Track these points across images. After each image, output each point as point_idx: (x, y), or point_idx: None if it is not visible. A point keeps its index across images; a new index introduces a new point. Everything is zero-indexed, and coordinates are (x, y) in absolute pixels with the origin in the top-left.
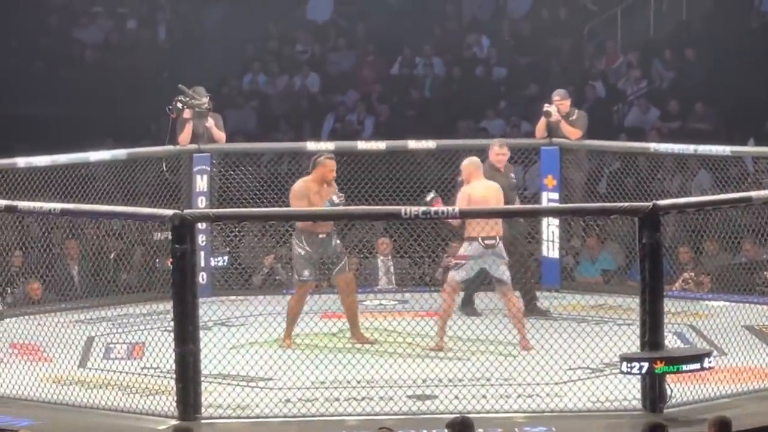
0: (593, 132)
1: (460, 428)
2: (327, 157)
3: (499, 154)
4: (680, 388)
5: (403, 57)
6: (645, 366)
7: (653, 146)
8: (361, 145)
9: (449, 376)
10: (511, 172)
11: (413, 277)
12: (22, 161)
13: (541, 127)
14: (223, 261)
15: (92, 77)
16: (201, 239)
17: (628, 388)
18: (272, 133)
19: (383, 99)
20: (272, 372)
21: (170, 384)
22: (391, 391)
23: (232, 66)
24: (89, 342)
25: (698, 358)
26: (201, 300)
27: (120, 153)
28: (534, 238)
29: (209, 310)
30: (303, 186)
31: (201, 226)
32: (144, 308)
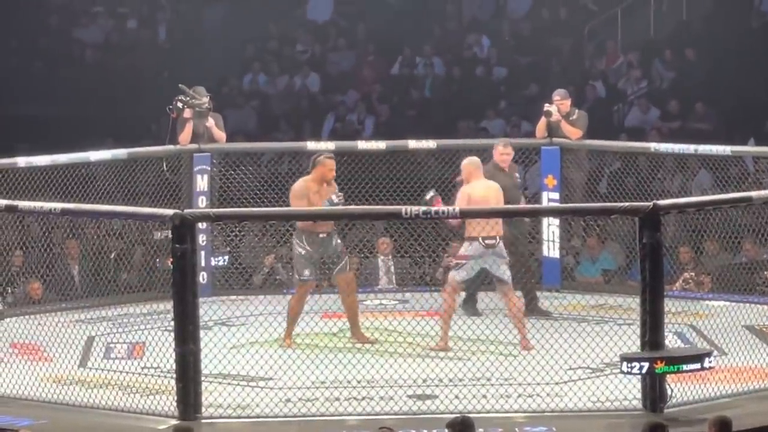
0: (593, 132)
1: (461, 428)
2: (326, 157)
3: (503, 154)
4: (680, 388)
5: (404, 57)
6: (645, 366)
7: (653, 146)
8: (362, 145)
9: (450, 376)
10: (516, 172)
11: (414, 277)
12: (23, 161)
13: (542, 127)
14: (224, 261)
15: (92, 77)
16: (201, 239)
17: (629, 388)
18: (272, 133)
19: (383, 99)
20: (272, 372)
21: (170, 384)
22: (392, 391)
23: (233, 66)
24: (89, 342)
25: (698, 358)
26: (201, 300)
27: (120, 153)
28: (534, 238)
29: (209, 310)
30: (303, 186)
31: (201, 226)
32: (144, 308)
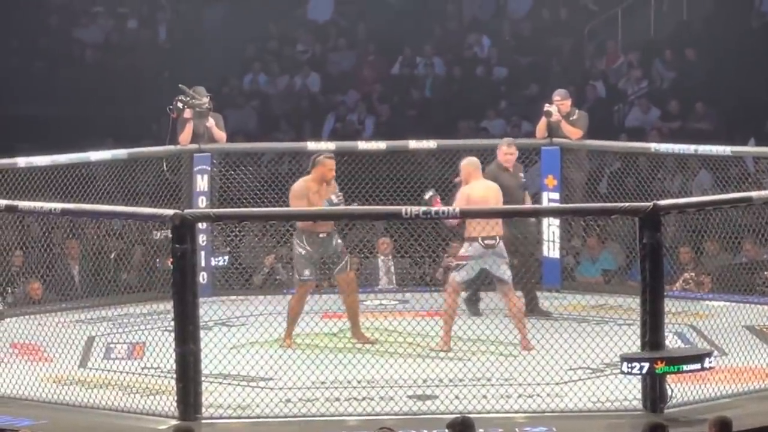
0: (594, 132)
1: (461, 428)
2: (326, 157)
3: (507, 154)
4: (681, 388)
5: (404, 57)
6: (645, 366)
7: (654, 146)
8: (362, 145)
9: (450, 376)
10: (520, 172)
11: (414, 277)
12: (23, 161)
13: (542, 127)
14: (224, 261)
15: (93, 77)
16: (201, 239)
17: (629, 388)
18: (273, 133)
19: (384, 99)
20: (273, 372)
21: (171, 384)
22: (392, 391)
23: (233, 66)
24: (90, 342)
25: (699, 358)
26: (201, 300)
27: (120, 153)
28: (535, 239)
29: (210, 310)
30: (303, 186)
31: (201, 226)
32: (144, 308)
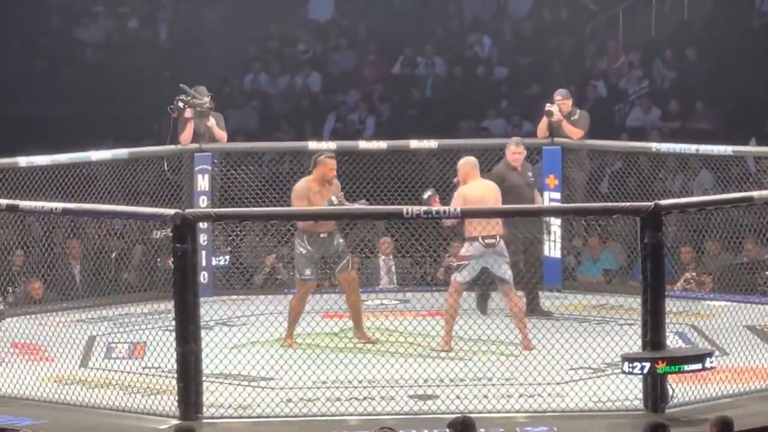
0: (595, 132)
1: (462, 428)
2: (327, 156)
3: (516, 153)
4: (682, 388)
5: (405, 56)
6: (647, 366)
7: (655, 146)
8: (363, 145)
9: (451, 376)
10: (529, 171)
11: (415, 277)
12: (24, 161)
13: (543, 127)
14: (225, 260)
15: (93, 77)
16: (202, 238)
17: (630, 388)
18: (273, 133)
19: (385, 98)
20: (273, 372)
21: (171, 383)
22: (393, 391)
23: (234, 65)
24: (90, 341)
25: (700, 358)
26: (202, 299)
27: (121, 152)
28: (536, 238)
29: (210, 310)
30: (304, 186)
31: (202, 226)
32: (145, 308)
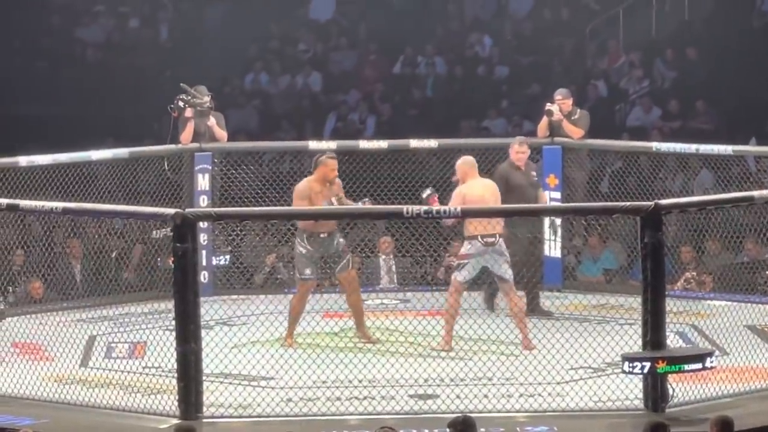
0: (595, 131)
1: (462, 428)
2: (328, 157)
3: (519, 152)
4: (682, 388)
5: (405, 56)
6: (647, 365)
7: (655, 145)
8: (363, 144)
9: (451, 376)
10: (533, 170)
11: (415, 276)
12: (24, 160)
13: (543, 127)
14: (225, 260)
15: (94, 76)
16: (203, 238)
17: (630, 388)
18: (274, 133)
19: (385, 98)
20: (274, 371)
21: (172, 383)
22: (393, 391)
23: (234, 65)
24: (91, 341)
25: (700, 358)
26: (202, 299)
27: (122, 152)
28: (536, 238)
29: (211, 309)
30: (306, 186)
31: (203, 225)
32: (145, 307)
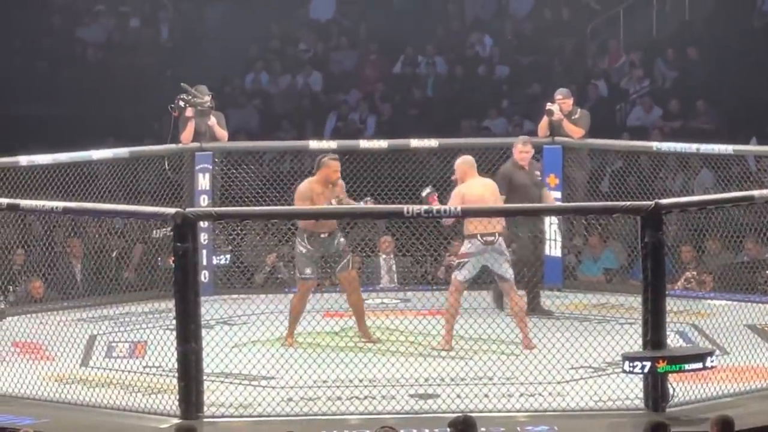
0: (596, 131)
1: (463, 427)
2: (331, 158)
3: (523, 152)
4: (682, 387)
5: (406, 56)
6: (647, 365)
7: (655, 145)
8: (364, 144)
9: (451, 375)
10: (536, 170)
11: (415, 276)
12: (25, 159)
13: (544, 126)
14: (225, 259)
15: (95, 76)
16: (203, 237)
17: (631, 387)
18: (275, 132)
19: (386, 98)
20: (274, 371)
21: (172, 383)
22: (393, 390)
23: (235, 65)
24: (91, 340)
25: (700, 357)
26: (203, 298)
27: (122, 151)
28: (537, 237)
29: (211, 309)
30: (307, 187)
31: (203, 225)
32: (146, 307)
